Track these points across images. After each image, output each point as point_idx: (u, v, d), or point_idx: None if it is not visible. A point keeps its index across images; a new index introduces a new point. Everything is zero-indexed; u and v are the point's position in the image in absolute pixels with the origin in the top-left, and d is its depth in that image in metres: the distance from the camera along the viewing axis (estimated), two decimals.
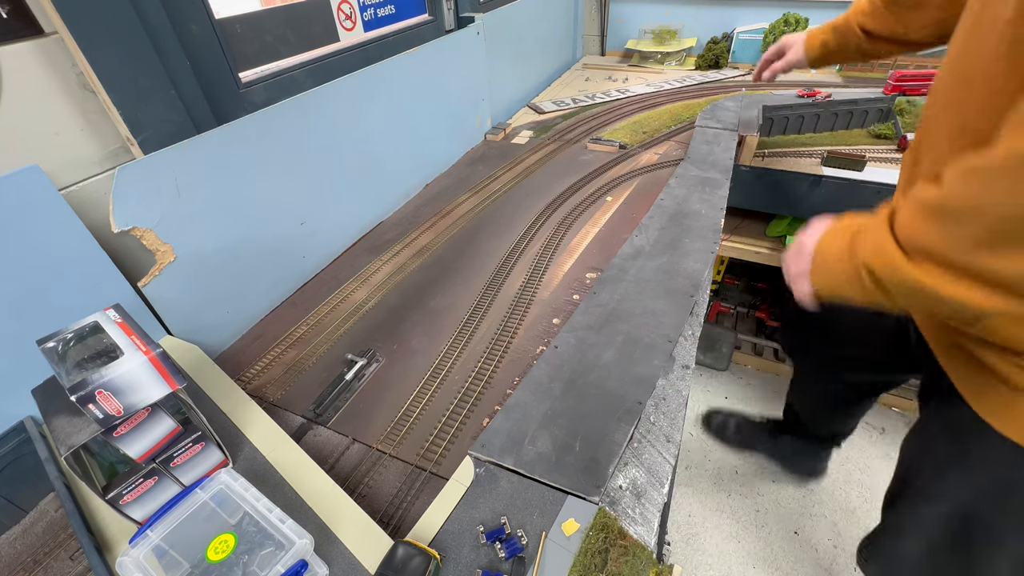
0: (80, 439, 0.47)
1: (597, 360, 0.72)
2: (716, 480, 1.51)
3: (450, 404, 0.72)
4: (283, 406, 0.74)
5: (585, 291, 0.89)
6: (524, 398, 0.67)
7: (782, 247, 1.47)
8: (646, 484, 0.59)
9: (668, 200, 1.08)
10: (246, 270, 0.88)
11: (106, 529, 0.56)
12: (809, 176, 1.24)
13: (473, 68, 1.43)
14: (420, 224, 1.15)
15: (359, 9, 1.12)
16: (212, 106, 0.81)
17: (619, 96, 1.74)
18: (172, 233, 0.74)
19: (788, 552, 1.34)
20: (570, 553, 0.51)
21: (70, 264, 0.65)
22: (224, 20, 0.84)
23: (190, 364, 0.74)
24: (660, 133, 1.44)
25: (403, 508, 0.60)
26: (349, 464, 0.65)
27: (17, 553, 0.56)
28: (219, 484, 0.51)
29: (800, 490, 1.47)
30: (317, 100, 0.93)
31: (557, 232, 1.06)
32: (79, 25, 0.62)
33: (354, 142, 1.05)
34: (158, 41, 0.71)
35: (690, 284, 0.84)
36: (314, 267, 1.02)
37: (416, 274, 0.99)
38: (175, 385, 0.50)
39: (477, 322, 0.85)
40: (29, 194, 0.60)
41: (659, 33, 2.06)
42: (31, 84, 0.62)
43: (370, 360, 0.80)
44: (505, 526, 0.53)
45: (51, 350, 0.49)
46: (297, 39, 1.00)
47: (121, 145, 0.72)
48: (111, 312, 0.53)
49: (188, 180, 0.74)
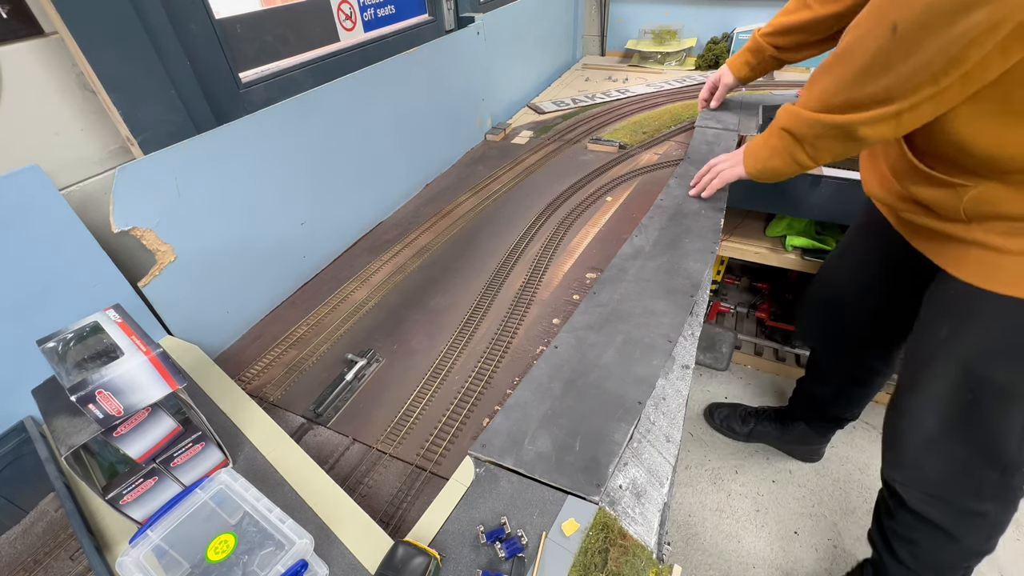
0: (80, 439, 0.47)
1: (597, 360, 0.72)
2: (716, 480, 1.51)
3: (450, 404, 0.72)
4: (283, 406, 0.74)
5: (585, 291, 0.89)
6: (524, 398, 0.67)
7: (782, 247, 1.47)
8: (646, 484, 0.59)
9: (668, 200, 1.08)
10: (246, 270, 0.88)
11: (106, 529, 0.56)
12: (809, 176, 1.24)
13: (473, 68, 1.43)
14: (420, 224, 1.15)
15: (359, 9, 1.12)
16: (212, 106, 0.81)
17: (619, 96, 1.74)
18: (172, 233, 0.74)
19: (788, 552, 1.34)
20: (570, 553, 0.51)
21: (70, 264, 0.65)
22: (224, 20, 0.84)
23: (190, 364, 0.74)
24: (660, 133, 1.44)
25: (403, 508, 0.60)
26: (349, 464, 0.65)
27: (17, 553, 0.56)
28: (219, 484, 0.51)
29: (800, 489, 1.47)
30: (317, 100, 0.93)
31: (557, 232, 1.06)
32: (79, 25, 0.62)
33: (354, 142, 1.05)
34: (158, 41, 0.71)
35: (690, 284, 0.84)
36: (314, 267, 1.02)
37: (416, 274, 0.99)
38: (175, 385, 0.50)
39: (477, 322, 0.85)
40: (29, 194, 0.60)
41: (659, 33, 2.06)
42: (31, 84, 0.62)
43: (370, 360, 0.80)
44: (505, 526, 0.53)
45: (51, 350, 0.49)
46: (297, 39, 1.00)
47: (121, 145, 0.72)
48: (111, 312, 0.53)
49: (188, 180, 0.74)
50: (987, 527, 0.90)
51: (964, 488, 0.87)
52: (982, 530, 0.91)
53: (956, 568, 0.99)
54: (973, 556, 0.96)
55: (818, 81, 0.73)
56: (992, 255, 0.70)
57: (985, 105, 0.59)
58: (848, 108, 0.68)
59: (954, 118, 0.62)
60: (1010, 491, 0.85)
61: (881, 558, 1.06)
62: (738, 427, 1.57)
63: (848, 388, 1.28)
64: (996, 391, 0.76)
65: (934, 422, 0.83)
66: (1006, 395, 0.76)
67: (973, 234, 0.71)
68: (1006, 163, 0.62)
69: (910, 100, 0.61)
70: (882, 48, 0.60)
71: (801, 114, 0.76)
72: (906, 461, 0.91)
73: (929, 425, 0.84)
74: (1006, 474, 0.83)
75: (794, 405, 1.47)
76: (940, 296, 0.81)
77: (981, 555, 0.95)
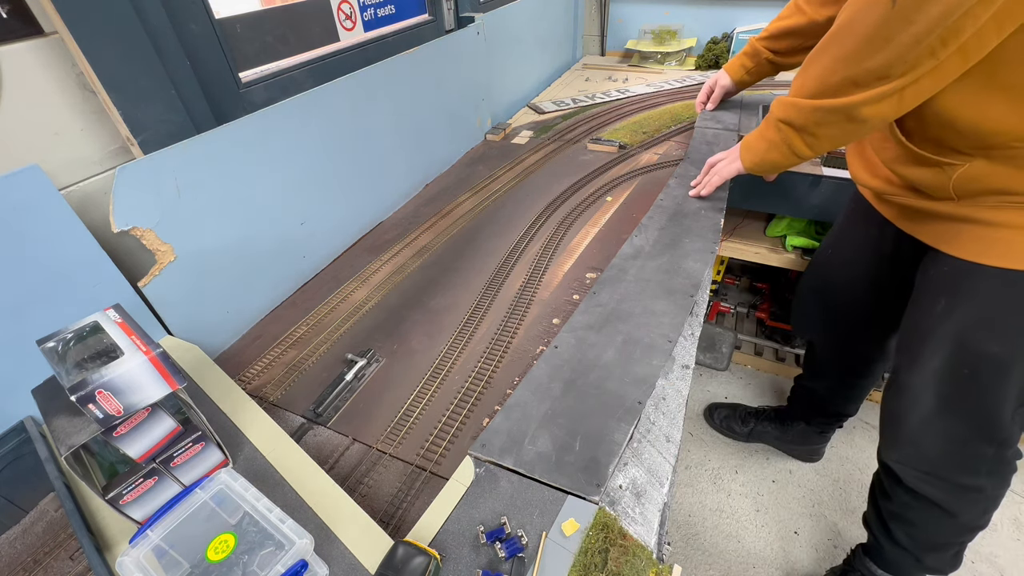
0: (80, 439, 0.47)
1: (597, 360, 0.72)
2: (716, 480, 1.51)
3: (450, 404, 0.72)
4: (283, 406, 0.74)
5: (585, 291, 0.89)
6: (524, 398, 0.67)
7: (782, 247, 1.47)
8: (646, 484, 0.59)
9: (668, 200, 1.08)
10: (246, 270, 0.88)
11: (106, 529, 0.56)
12: (809, 176, 1.24)
13: (473, 68, 1.43)
14: (420, 224, 1.15)
15: (359, 9, 1.12)
16: (212, 106, 0.81)
17: (619, 96, 1.74)
18: (172, 233, 0.74)
19: (788, 552, 1.34)
20: (570, 553, 0.51)
21: (70, 264, 0.65)
22: (224, 20, 0.84)
23: (190, 364, 0.74)
24: (660, 133, 1.44)
25: (403, 508, 0.60)
26: (349, 464, 0.65)
27: (17, 553, 0.56)
28: (219, 484, 0.51)
29: (800, 489, 1.47)
30: (317, 100, 0.93)
31: (557, 232, 1.06)
32: (79, 25, 0.62)
33: (354, 142, 1.05)
34: (158, 41, 0.71)
35: (690, 284, 0.84)
36: (314, 267, 1.02)
37: (416, 274, 0.99)
38: (175, 385, 0.50)
39: (477, 322, 0.85)
40: (29, 194, 0.60)
41: (659, 33, 2.06)
42: (31, 84, 0.62)
43: (370, 360, 0.80)
44: (505, 526, 0.53)
45: (51, 350, 0.49)
46: (297, 39, 1.00)
47: (121, 145, 0.72)
48: (111, 312, 0.53)
49: (188, 180, 0.74)
50: (983, 501, 0.92)
51: (960, 464, 0.88)
52: (978, 505, 0.92)
53: (952, 545, 1.00)
54: (968, 532, 0.97)
55: (812, 65, 0.72)
56: (983, 229, 0.71)
57: (970, 80, 0.60)
58: (847, 88, 0.67)
59: (940, 94, 0.63)
60: (1004, 465, 0.87)
61: (877, 540, 1.07)
62: (738, 427, 1.57)
63: (846, 379, 1.28)
64: (992, 364, 0.77)
65: (932, 398, 0.84)
66: (1001, 368, 0.77)
67: (963, 211, 0.72)
68: (990, 138, 0.63)
69: (911, 75, 0.61)
70: (883, 19, 0.59)
71: (798, 103, 0.76)
72: (904, 439, 0.92)
73: (927, 401, 0.85)
74: (1001, 448, 0.84)
75: (793, 404, 1.47)
76: (934, 274, 0.81)
77: (976, 530, 0.96)
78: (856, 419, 1.61)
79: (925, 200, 0.77)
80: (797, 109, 0.76)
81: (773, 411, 1.55)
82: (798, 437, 1.49)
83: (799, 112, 0.76)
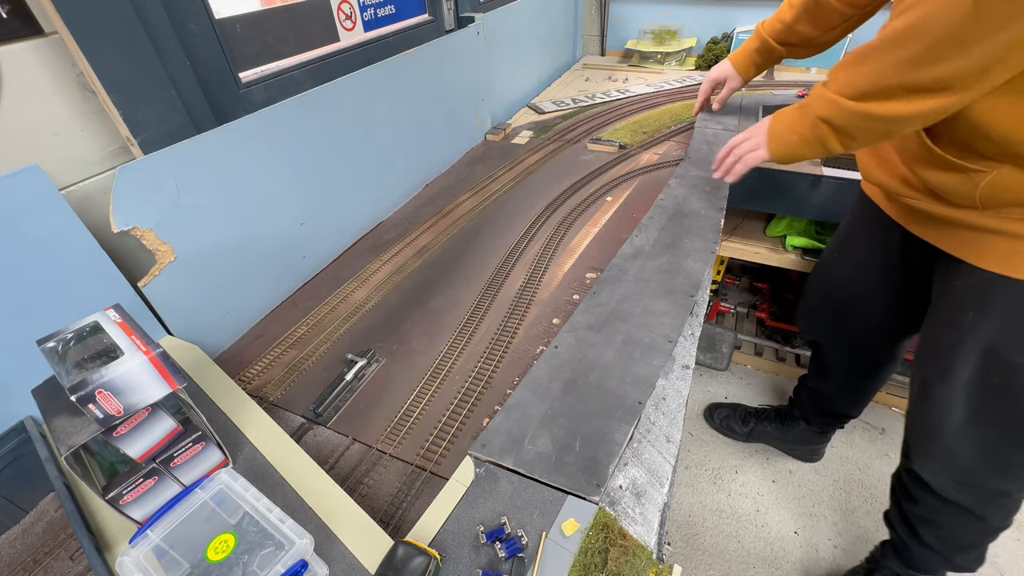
0: (80, 439, 0.47)
1: (597, 360, 0.72)
2: (716, 480, 1.51)
3: (450, 404, 0.72)
4: (283, 406, 0.74)
5: (585, 291, 0.89)
6: (524, 398, 0.67)
7: (782, 247, 1.47)
8: (646, 484, 0.59)
9: (668, 200, 1.08)
10: (246, 270, 0.88)
11: (106, 529, 0.56)
12: (809, 176, 1.24)
13: (473, 68, 1.43)
14: (420, 224, 1.15)
15: (359, 9, 1.12)
16: (212, 106, 0.81)
17: (619, 96, 1.74)
18: (172, 233, 0.74)
19: (788, 552, 1.34)
20: (570, 553, 0.51)
21: (70, 264, 0.65)
22: (224, 20, 0.84)
23: (190, 364, 0.74)
24: (660, 133, 1.44)
25: (403, 508, 0.60)
26: (349, 464, 0.65)
27: (17, 553, 0.56)
28: (219, 484, 0.51)
29: (800, 489, 1.47)
30: (317, 100, 0.93)
31: (557, 232, 1.06)
32: (79, 25, 0.62)
33: (354, 142, 1.05)
34: (158, 41, 0.71)
35: (690, 284, 0.84)
36: (314, 267, 1.02)
37: (416, 274, 0.99)
38: (175, 385, 0.50)
39: (477, 322, 0.85)
40: (29, 194, 0.60)
41: (659, 33, 2.06)
42: (31, 84, 0.62)
43: (370, 360, 0.80)
44: (505, 526, 0.53)
45: (51, 350, 0.49)
46: (297, 39, 1.00)
47: (121, 145, 0.72)
48: (111, 312, 0.53)
49: (188, 180, 0.74)
50: (1009, 505, 0.92)
51: (992, 471, 0.88)
52: (1005, 509, 0.93)
53: (978, 545, 1.01)
54: (993, 532, 0.98)
55: (866, 63, 0.66)
56: (1012, 242, 0.70)
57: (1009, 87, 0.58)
58: (900, 94, 0.62)
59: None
60: None
61: (903, 540, 1.07)
62: (738, 427, 1.57)
63: (853, 381, 1.28)
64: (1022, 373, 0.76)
65: (963, 408, 0.84)
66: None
67: (989, 222, 0.70)
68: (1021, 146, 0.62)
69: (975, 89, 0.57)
70: (962, 22, 0.54)
71: (842, 104, 0.70)
72: (938, 451, 0.91)
73: (959, 412, 0.84)
74: None
75: (795, 404, 1.47)
76: (959, 285, 0.80)
77: (1000, 531, 0.97)
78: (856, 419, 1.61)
79: (945, 207, 0.75)
80: (840, 110, 0.71)
81: (773, 411, 1.55)
82: (798, 437, 1.49)
83: (842, 113, 0.71)
